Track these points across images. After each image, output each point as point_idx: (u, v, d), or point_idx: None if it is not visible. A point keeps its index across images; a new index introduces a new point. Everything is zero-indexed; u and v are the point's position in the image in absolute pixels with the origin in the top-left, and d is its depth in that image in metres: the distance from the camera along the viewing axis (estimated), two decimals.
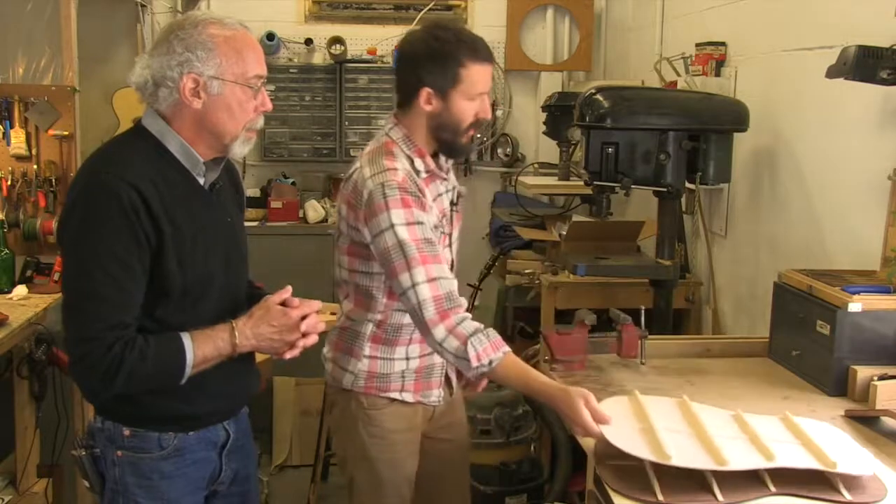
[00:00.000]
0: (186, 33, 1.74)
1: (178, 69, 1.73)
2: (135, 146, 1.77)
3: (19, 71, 4.12)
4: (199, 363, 1.75)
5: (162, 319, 1.75)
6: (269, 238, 4.54)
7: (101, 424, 1.83)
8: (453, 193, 2.25)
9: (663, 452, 1.57)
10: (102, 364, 1.66)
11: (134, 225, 1.67)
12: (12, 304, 3.16)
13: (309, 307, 1.85)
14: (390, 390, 2.21)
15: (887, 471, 1.68)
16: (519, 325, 4.18)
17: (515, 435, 3.23)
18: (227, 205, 1.94)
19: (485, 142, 5.04)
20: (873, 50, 2.19)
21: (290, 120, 4.84)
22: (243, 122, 1.80)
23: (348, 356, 2.23)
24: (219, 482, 1.95)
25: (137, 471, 1.82)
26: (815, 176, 2.75)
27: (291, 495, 3.98)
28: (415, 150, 2.13)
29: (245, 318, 1.81)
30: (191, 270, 1.76)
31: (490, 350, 1.94)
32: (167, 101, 1.76)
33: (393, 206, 2.00)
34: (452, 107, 2.10)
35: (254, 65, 1.79)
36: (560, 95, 4.08)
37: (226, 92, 1.76)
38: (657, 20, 4.07)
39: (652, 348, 2.38)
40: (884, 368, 2.07)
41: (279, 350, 1.85)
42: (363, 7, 4.92)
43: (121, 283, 1.68)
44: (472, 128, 2.14)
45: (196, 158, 1.80)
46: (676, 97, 3.14)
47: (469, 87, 2.09)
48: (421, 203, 2.03)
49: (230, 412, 1.95)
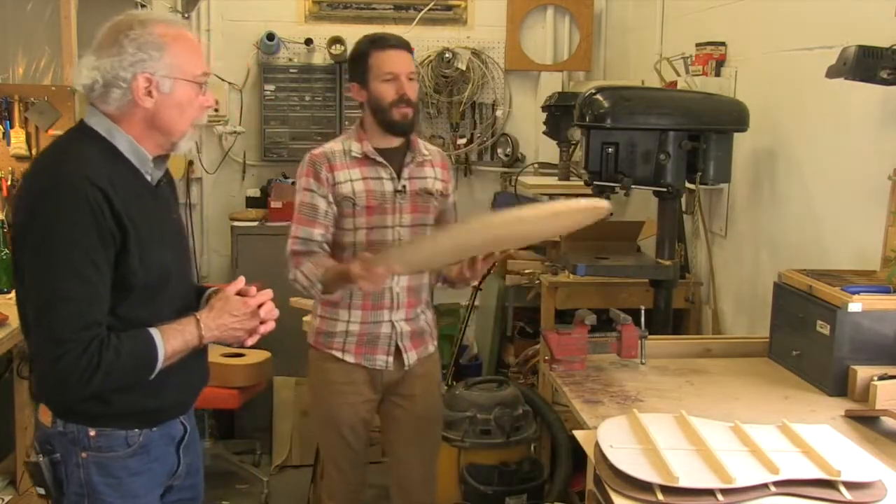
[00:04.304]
0: (136, 33, 1.74)
1: (130, 69, 1.73)
2: (87, 144, 1.77)
3: (19, 71, 4.13)
4: (170, 356, 1.77)
5: (124, 316, 1.76)
6: (269, 238, 4.53)
7: (63, 428, 1.80)
8: (396, 182, 2.55)
9: (670, 474, 1.57)
10: (80, 364, 1.66)
11: (101, 224, 1.68)
12: (12, 304, 3.13)
13: (265, 295, 1.89)
14: (332, 347, 2.60)
15: (887, 471, 1.68)
16: (519, 325, 4.19)
17: (515, 435, 3.23)
18: (170, 200, 1.96)
19: (485, 141, 5.04)
20: (873, 50, 2.19)
21: (290, 120, 4.83)
22: (191, 119, 1.84)
23: (312, 315, 2.70)
24: (175, 476, 1.97)
25: (105, 470, 1.82)
26: (815, 176, 2.75)
27: (291, 495, 3.98)
28: (356, 136, 2.58)
29: (206, 310, 1.86)
30: (150, 267, 1.78)
31: (313, 269, 2.45)
32: (118, 101, 1.76)
33: (301, 174, 2.57)
34: (372, 91, 2.52)
35: (200, 62, 1.83)
36: (560, 95, 4.08)
37: (176, 90, 1.78)
38: (657, 20, 4.08)
39: (652, 348, 2.39)
40: (884, 368, 2.07)
41: (241, 338, 1.89)
42: (363, 7, 4.92)
43: (92, 282, 1.69)
44: (396, 105, 2.49)
45: (145, 156, 1.82)
46: (676, 97, 3.14)
47: (377, 71, 2.50)
48: (317, 175, 2.52)
49: (188, 404, 1.99)
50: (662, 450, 1.67)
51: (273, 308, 1.90)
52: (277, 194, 4.65)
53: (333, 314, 2.60)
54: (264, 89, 4.77)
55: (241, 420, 4.53)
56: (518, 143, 5.05)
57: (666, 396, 2.13)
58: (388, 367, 2.60)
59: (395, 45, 2.53)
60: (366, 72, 2.52)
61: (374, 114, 2.53)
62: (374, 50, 2.52)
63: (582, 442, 1.83)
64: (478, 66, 4.94)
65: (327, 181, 2.52)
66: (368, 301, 2.56)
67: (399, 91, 2.49)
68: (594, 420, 1.94)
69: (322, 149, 2.58)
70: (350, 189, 2.52)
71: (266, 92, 4.78)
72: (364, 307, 2.57)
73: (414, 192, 2.57)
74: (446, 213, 2.69)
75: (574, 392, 2.16)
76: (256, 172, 4.91)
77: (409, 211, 2.57)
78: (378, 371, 2.60)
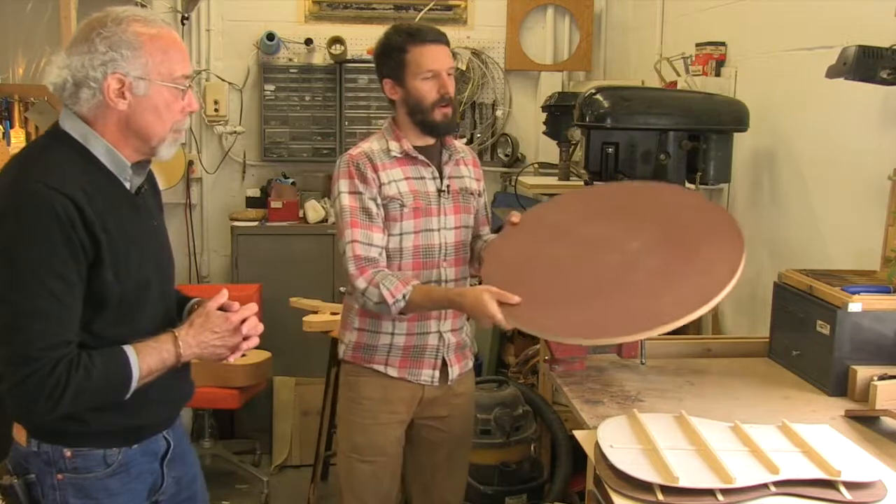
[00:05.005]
0: (109, 31, 1.65)
1: (101, 69, 1.64)
2: (60, 151, 1.68)
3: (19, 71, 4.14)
4: (145, 376, 1.68)
5: (99, 333, 1.68)
6: (269, 238, 4.55)
7: (38, 448, 1.71)
8: (440, 182, 2.39)
9: (670, 474, 1.57)
10: (47, 385, 1.57)
11: (70, 236, 1.59)
12: None
13: (248, 310, 1.80)
14: (374, 362, 2.40)
15: (887, 471, 1.68)
16: None
17: (515, 435, 3.23)
18: (151, 208, 1.86)
19: (485, 142, 5.04)
20: (873, 50, 2.19)
21: (290, 120, 4.84)
22: (170, 124, 1.73)
23: (344, 329, 2.48)
24: (160, 493, 1.88)
25: (82, 492, 1.73)
26: (815, 176, 2.75)
27: (291, 495, 3.99)
28: (394, 135, 2.38)
29: (186, 326, 1.76)
30: (127, 279, 1.69)
31: (401, 286, 2.21)
32: (89, 102, 1.67)
33: (341, 176, 2.33)
34: (411, 90, 2.33)
35: (180, 64, 1.72)
36: (560, 95, 4.08)
37: (152, 93, 1.69)
38: (657, 20, 4.07)
39: (652, 348, 2.39)
40: (884, 368, 2.07)
41: (222, 356, 1.80)
42: (363, 7, 4.92)
43: (60, 299, 1.59)
44: (438, 104, 2.33)
45: (123, 162, 1.72)
46: (676, 97, 3.14)
47: (416, 67, 2.32)
48: (363, 176, 2.31)
49: (169, 421, 1.89)
50: (662, 450, 1.68)
51: (257, 324, 1.81)
52: (277, 194, 4.65)
53: (375, 326, 2.38)
54: (264, 89, 4.77)
55: (241, 420, 4.53)
56: (518, 143, 5.05)
57: (666, 396, 2.13)
58: (433, 382, 2.41)
59: (436, 38, 2.34)
60: (402, 68, 2.32)
61: (412, 113, 2.35)
62: (413, 45, 2.31)
63: (582, 442, 1.83)
64: (478, 66, 4.94)
65: (374, 181, 2.30)
66: None
67: (441, 90, 2.32)
68: (594, 420, 1.94)
69: (359, 149, 2.36)
70: (396, 190, 2.32)
71: (266, 92, 4.78)
72: (411, 318, 2.35)
73: (456, 192, 2.41)
74: (478, 214, 2.53)
75: (574, 392, 2.16)
76: (256, 172, 4.91)
77: (452, 212, 2.40)
78: (420, 387, 2.41)
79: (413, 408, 2.43)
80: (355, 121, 4.87)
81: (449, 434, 2.49)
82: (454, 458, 2.54)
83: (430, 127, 2.35)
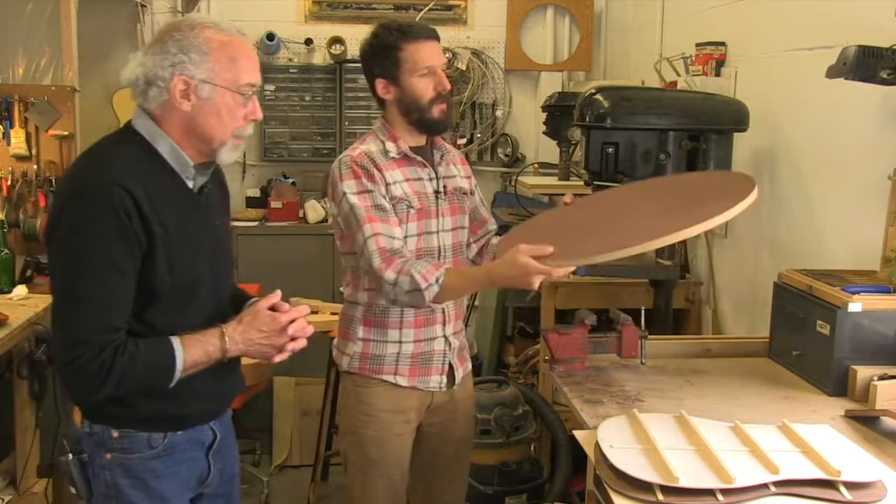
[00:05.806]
0: (182, 34, 1.74)
1: (169, 69, 1.72)
2: (124, 147, 1.76)
3: (19, 71, 4.13)
4: (189, 368, 1.75)
5: (151, 322, 1.75)
6: (269, 238, 4.55)
7: (89, 429, 1.81)
8: (438, 183, 2.35)
9: (670, 474, 1.57)
10: (92, 368, 1.66)
11: (127, 229, 1.67)
12: (12, 304, 3.16)
13: (298, 311, 1.85)
14: (383, 373, 2.33)
15: (887, 471, 1.68)
16: (519, 325, 4.19)
17: (515, 435, 3.23)
18: (214, 208, 1.92)
19: (485, 142, 5.04)
20: (873, 50, 2.19)
21: (290, 120, 4.84)
22: (231, 129, 1.79)
23: (345, 340, 2.39)
24: (206, 484, 1.95)
25: (129, 472, 1.81)
26: (815, 176, 2.75)
27: (291, 495, 3.99)
28: (389, 135, 2.31)
29: (234, 323, 1.82)
30: (179, 273, 1.76)
31: (433, 270, 2.11)
32: (156, 100, 1.75)
33: (346, 178, 2.23)
34: (407, 88, 2.27)
35: (247, 73, 1.79)
36: (560, 95, 4.08)
37: (216, 97, 1.75)
38: (657, 20, 4.07)
39: (652, 348, 2.39)
40: (884, 368, 2.07)
41: (268, 355, 1.85)
42: (363, 7, 4.92)
43: (112, 286, 1.68)
44: (436, 102, 2.28)
45: (186, 161, 1.80)
46: (676, 97, 3.13)
47: (412, 65, 2.25)
48: (370, 175, 2.22)
49: (217, 412, 1.96)
50: (662, 450, 1.68)
51: (305, 325, 1.85)
52: (277, 194, 4.65)
53: (381, 335, 2.32)
54: (264, 89, 4.77)
55: (241, 420, 4.51)
56: (518, 143, 5.06)
57: (666, 396, 2.13)
58: (441, 387, 2.37)
59: (429, 35, 2.29)
60: (396, 66, 2.25)
61: (408, 113, 2.28)
62: (406, 42, 2.25)
63: (582, 442, 1.83)
64: (478, 66, 4.94)
65: (381, 181, 2.23)
66: (421, 317, 2.32)
67: (438, 86, 2.27)
68: (594, 420, 1.94)
69: (358, 150, 2.28)
70: (402, 191, 2.26)
71: (266, 92, 4.78)
72: (416, 324, 2.31)
73: (451, 193, 2.37)
74: (477, 211, 2.48)
75: (574, 392, 2.15)
76: (256, 172, 4.92)
77: (449, 213, 2.36)
78: (429, 394, 2.37)
79: (422, 415, 2.40)
80: (355, 121, 4.88)
81: (451, 438, 2.46)
82: (456, 462, 2.52)
83: (427, 125, 2.30)
